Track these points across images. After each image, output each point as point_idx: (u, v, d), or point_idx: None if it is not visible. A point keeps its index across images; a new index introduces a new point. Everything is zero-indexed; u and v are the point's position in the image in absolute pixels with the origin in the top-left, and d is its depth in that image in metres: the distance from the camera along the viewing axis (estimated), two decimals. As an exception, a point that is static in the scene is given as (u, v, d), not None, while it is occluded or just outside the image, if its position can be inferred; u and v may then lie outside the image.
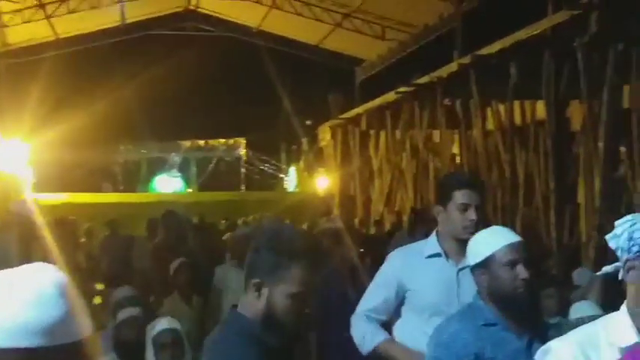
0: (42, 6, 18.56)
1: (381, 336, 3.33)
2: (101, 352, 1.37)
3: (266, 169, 28.35)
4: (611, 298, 5.80)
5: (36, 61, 20.11)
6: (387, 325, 3.43)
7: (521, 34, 10.59)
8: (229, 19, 21.91)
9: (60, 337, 1.29)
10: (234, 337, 2.17)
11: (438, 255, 3.31)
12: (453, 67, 12.94)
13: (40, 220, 5.36)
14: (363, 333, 3.37)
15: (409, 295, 3.32)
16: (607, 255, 8.35)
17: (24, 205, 5.39)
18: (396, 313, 3.41)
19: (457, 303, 3.13)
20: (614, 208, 8.99)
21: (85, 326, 1.34)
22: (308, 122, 21.66)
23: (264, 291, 2.16)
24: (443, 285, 3.24)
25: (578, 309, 4.89)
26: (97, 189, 24.14)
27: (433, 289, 3.26)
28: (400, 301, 3.36)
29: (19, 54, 20.36)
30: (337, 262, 5.64)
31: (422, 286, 3.29)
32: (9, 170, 18.06)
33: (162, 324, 4.22)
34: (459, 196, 3.19)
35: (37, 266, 1.38)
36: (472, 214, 3.16)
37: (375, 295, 3.43)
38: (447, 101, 13.54)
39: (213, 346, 2.25)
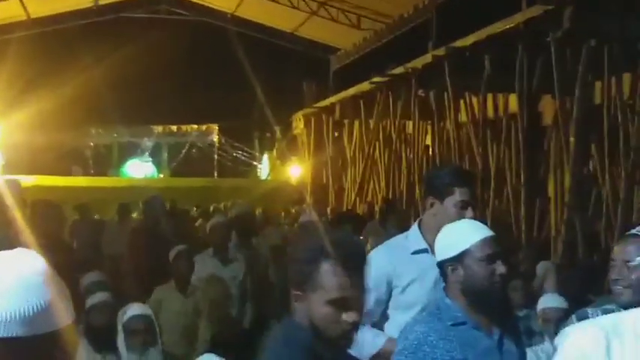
0: (14, -15, 18.32)
1: (382, 337, 3.19)
2: (79, 340, 1.36)
3: (239, 156, 28.21)
4: (570, 287, 5.94)
5: (6, 40, 19.81)
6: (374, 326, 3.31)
7: (495, 28, 10.66)
8: (204, 3, 21.76)
9: (40, 326, 1.28)
10: (284, 345, 2.09)
11: (424, 251, 3.20)
12: (427, 58, 12.99)
13: (21, 202, 5.28)
14: (361, 339, 3.10)
15: (395, 292, 3.22)
16: (575, 249, 8.47)
17: (4, 187, 5.29)
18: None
19: None
20: (583, 203, 9.14)
21: (65, 314, 1.33)
22: (281, 110, 21.61)
23: (304, 301, 2.06)
24: (429, 282, 3.14)
25: (544, 301, 4.97)
26: (67, 172, 23.89)
27: (420, 286, 3.17)
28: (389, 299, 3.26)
29: (-12, 33, 20.05)
30: None
31: (408, 283, 3.20)
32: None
33: (134, 310, 4.20)
34: (460, 194, 3.12)
35: (18, 253, 1.36)
36: (471, 213, 3.10)
37: None
38: (420, 92, 13.60)
39: (265, 351, 2.18)
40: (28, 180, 18.35)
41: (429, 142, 13.94)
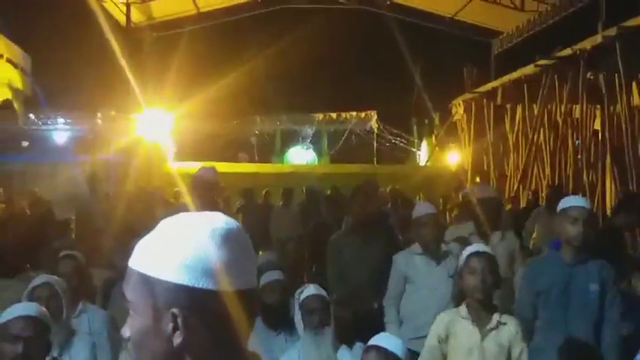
0: (185, -19, 19.30)
1: None
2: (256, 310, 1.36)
3: (397, 142, 28.22)
4: None
5: (177, 35, 20.90)
6: None
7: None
8: (364, -9, 21.90)
9: (226, 283, 1.28)
10: None
11: None
12: (597, 39, 12.40)
13: (219, 186, 5.68)
14: None
15: None
16: None
17: (208, 172, 5.70)
18: None
19: None
20: None
21: (250, 278, 1.34)
22: (440, 95, 21.40)
23: None
24: None
25: None
26: (234, 159, 24.84)
27: None
28: None
29: (162, 28, 21.24)
30: None
31: None
32: (152, 139, 18.95)
33: (311, 290, 4.35)
34: None
35: (218, 214, 1.37)
36: None
37: None
38: (589, 75, 13.02)
39: None
40: (197, 166, 19.32)
41: (597, 126, 13.32)
